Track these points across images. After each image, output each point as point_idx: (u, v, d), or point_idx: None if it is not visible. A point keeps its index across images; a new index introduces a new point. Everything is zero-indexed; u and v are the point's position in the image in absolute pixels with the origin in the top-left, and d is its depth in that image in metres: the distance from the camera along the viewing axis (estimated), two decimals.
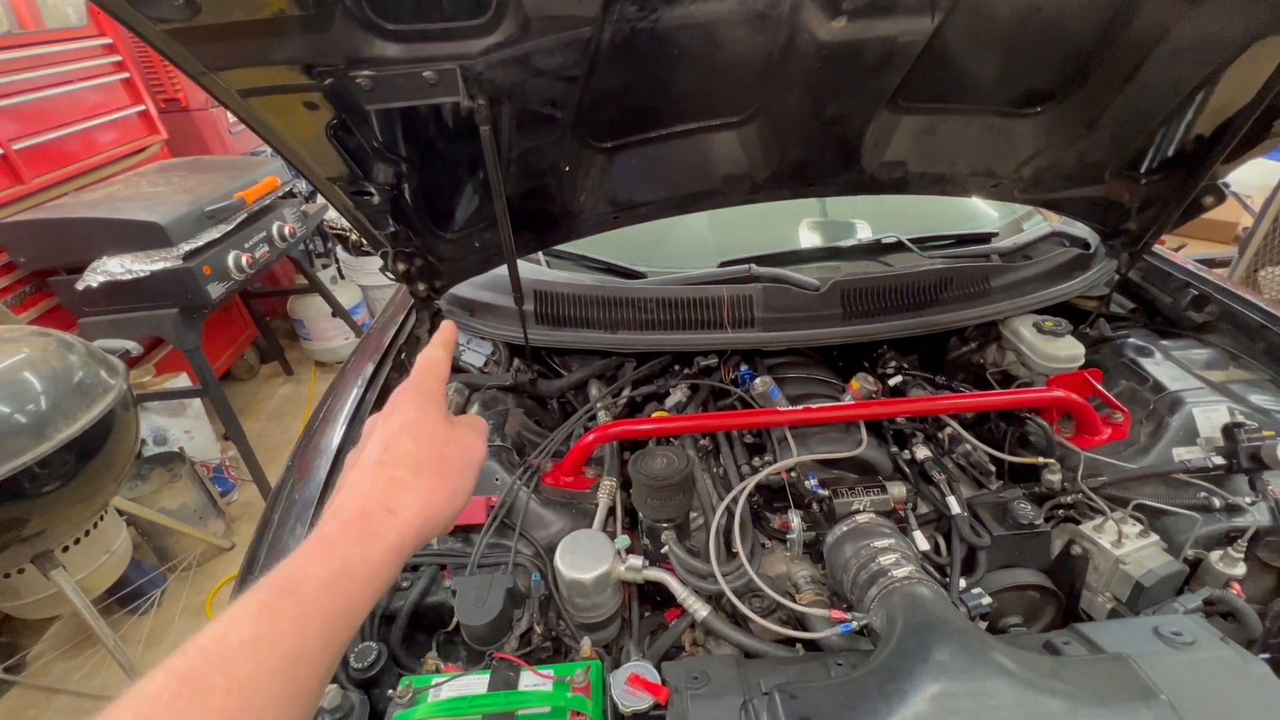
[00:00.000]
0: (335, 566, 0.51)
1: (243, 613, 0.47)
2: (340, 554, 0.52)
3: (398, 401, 0.64)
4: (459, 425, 0.66)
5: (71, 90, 3.27)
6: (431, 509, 0.58)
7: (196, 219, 2.88)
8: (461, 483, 0.62)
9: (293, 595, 0.49)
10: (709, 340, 1.61)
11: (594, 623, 1.16)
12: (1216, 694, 0.83)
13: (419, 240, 1.45)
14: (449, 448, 0.62)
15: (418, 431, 0.61)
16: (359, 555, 0.52)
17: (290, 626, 0.47)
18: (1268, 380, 1.48)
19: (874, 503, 1.27)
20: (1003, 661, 0.83)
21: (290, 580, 0.49)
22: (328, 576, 0.50)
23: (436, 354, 0.70)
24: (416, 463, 0.59)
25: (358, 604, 0.52)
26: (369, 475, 0.58)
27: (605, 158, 1.40)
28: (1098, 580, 1.20)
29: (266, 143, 1.14)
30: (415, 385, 0.66)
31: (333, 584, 0.50)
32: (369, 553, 0.53)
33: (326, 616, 0.49)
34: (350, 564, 0.51)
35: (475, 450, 0.66)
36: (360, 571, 0.52)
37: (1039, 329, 1.58)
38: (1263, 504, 1.23)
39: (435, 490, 0.59)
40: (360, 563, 0.52)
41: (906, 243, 1.84)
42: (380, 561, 0.53)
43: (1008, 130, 1.42)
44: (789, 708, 0.80)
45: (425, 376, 0.67)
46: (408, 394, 0.65)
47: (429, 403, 0.64)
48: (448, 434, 0.63)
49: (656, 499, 1.18)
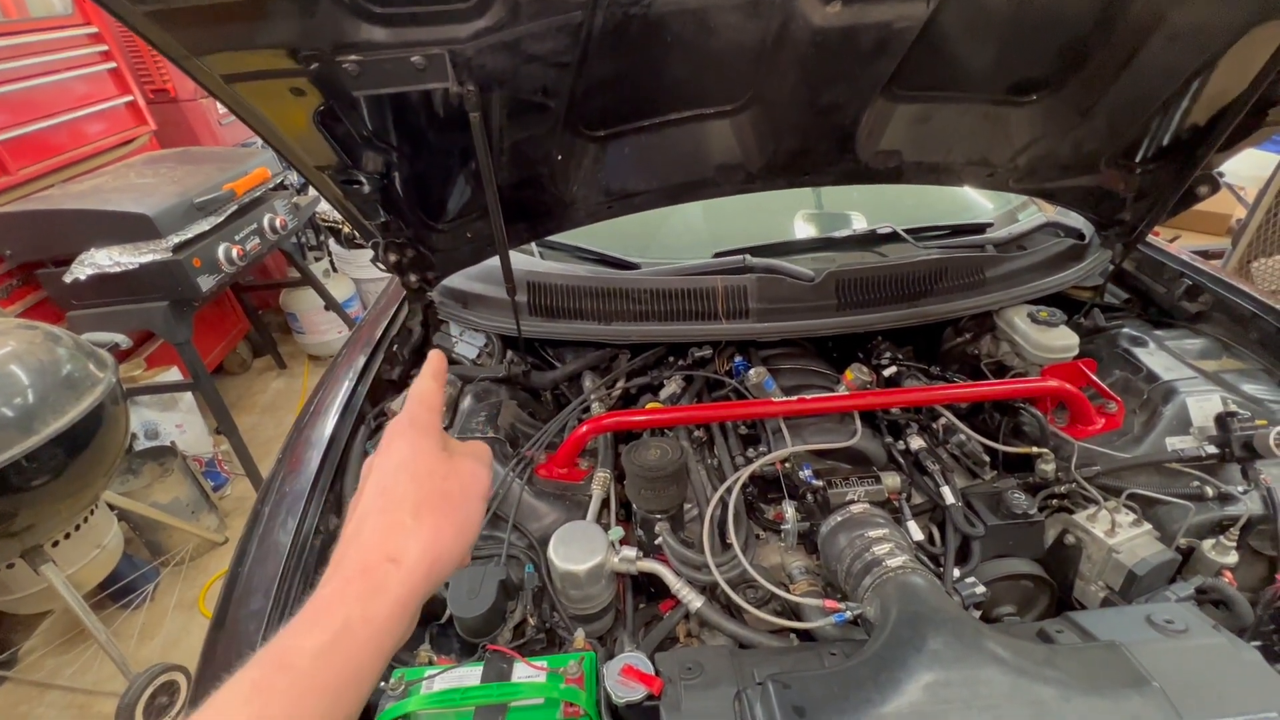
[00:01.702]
0: (333, 631, 0.47)
1: (234, 694, 0.44)
2: (339, 616, 0.48)
3: (391, 438, 0.61)
4: (459, 455, 0.63)
5: (58, 80, 3.22)
6: (437, 550, 0.54)
7: (186, 211, 2.85)
8: (467, 517, 0.59)
9: (287, 671, 0.45)
10: (703, 331, 1.60)
11: (588, 614, 1.15)
12: (1208, 681, 0.83)
13: (410, 231, 1.44)
14: (449, 482, 0.59)
15: (414, 469, 0.58)
16: (360, 614, 0.48)
17: (284, 707, 0.44)
18: (1260, 369, 1.48)
19: (868, 493, 1.27)
20: (996, 650, 0.82)
21: (284, 653, 0.46)
22: (325, 644, 0.46)
23: (427, 385, 0.67)
24: (415, 504, 0.56)
25: (365, 666, 0.48)
26: (367, 524, 0.55)
27: (598, 147, 1.39)
28: (1091, 569, 1.21)
29: (254, 130, 1.12)
30: (408, 419, 0.63)
31: (331, 651, 0.46)
32: (372, 610, 0.49)
33: (325, 690, 0.45)
34: (351, 625, 0.48)
35: (478, 480, 0.63)
36: (363, 632, 0.48)
37: (1033, 319, 1.58)
38: (1255, 493, 1.23)
39: (440, 530, 0.55)
40: (362, 622, 0.48)
41: (901, 233, 1.83)
42: (386, 618, 0.49)
43: (1003, 119, 1.41)
44: (782, 697, 0.80)
45: (418, 409, 0.64)
46: (401, 429, 0.62)
47: (423, 436, 0.61)
48: (446, 467, 0.60)
49: (650, 490, 1.18)
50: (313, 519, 1.24)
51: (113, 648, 2.31)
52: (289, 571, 1.13)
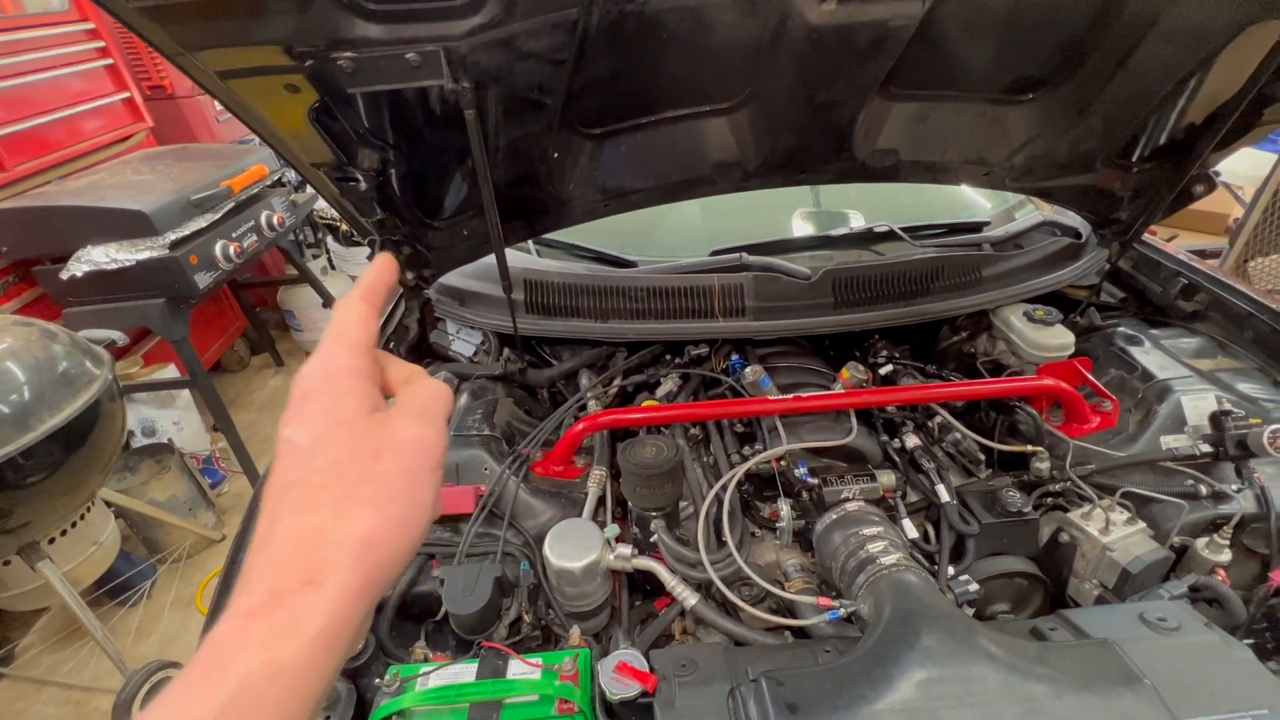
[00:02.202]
0: (229, 690, 0.34)
1: None
2: (237, 669, 0.34)
3: (301, 399, 0.43)
4: (398, 417, 0.45)
5: (54, 76, 3.20)
6: (374, 559, 0.40)
7: (183, 208, 2.84)
8: (413, 503, 0.43)
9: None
10: (700, 329, 1.60)
11: (583, 611, 1.15)
12: (1200, 678, 0.83)
13: (407, 228, 1.43)
14: (385, 459, 0.42)
15: (333, 447, 0.42)
16: (264, 664, 0.35)
17: None
18: (1255, 368, 1.48)
19: (863, 491, 1.27)
20: (989, 647, 0.83)
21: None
22: (218, 709, 0.34)
23: (353, 312, 0.48)
24: (339, 498, 0.40)
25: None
26: (279, 528, 0.39)
27: (595, 144, 1.39)
28: (1085, 567, 1.21)
29: (249, 127, 1.12)
30: (321, 370, 0.44)
31: (227, 717, 0.34)
32: (283, 656, 0.35)
33: None
34: (252, 682, 0.34)
35: (425, 449, 0.45)
36: (272, 689, 0.35)
37: (1029, 318, 1.58)
38: (1248, 491, 1.24)
39: (374, 529, 0.40)
40: (268, 676, 0.35)
41: (898, 231, 1.83)
42: (304, 662, 0.36)
43: (1000, 117, 1.41)
44: (775, 694, 0.80)
45: (336, 349, 0.46)
46: (311, 385, 0.44)
47: (343, 395, 0.44)
48: (378, 439, 0.43)
49: (646, 488, 1.18)
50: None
51: (109, 644, 2.31)
52: None
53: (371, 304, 0.50)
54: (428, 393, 0.48)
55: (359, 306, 0.49)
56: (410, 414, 0.46)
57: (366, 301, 0.49)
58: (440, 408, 0.48)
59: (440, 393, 0.49)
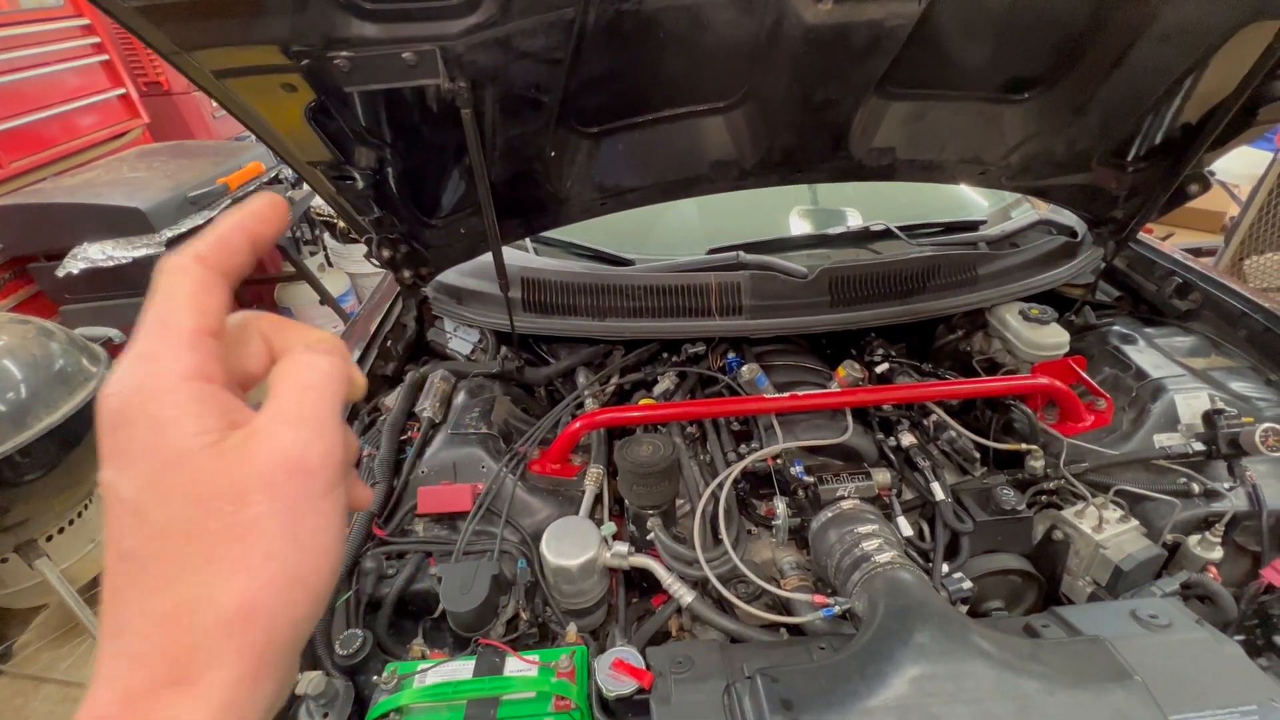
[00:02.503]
0: None
1: None
2: None
3: (111, 430, 0.30)
4: (258, 438, 0.31)
5: (49, 72, 3.20)
6: (261, 632, 0.30)
7: (179, 205, 2.84)
8: (303, 548, 0.31)
9: None
10: (697, 328, 1.60)
11: (580, 608, 1.16)
12: (1190, 674, 0.84)
13: (404, 226, 1.44)
14: (250, 504, 0.30)
15: (169, 497, 0.29)
16: None
17: None
18: (1248, 367, 1.49)
19: (859, 489, 1.28)
20: (981, 644, 0.84)
21: None
22: None
23: (181, 285, 0.32)
24: (193, 566, 0.29)
25: None
26: (124, 617, 0.30)
27: (592, 143, 1.39)
28: (1078, 564, 1.22)
29: (245, 125, 1.12)
30: (134, 383, 0.30)
31: None
32: None
33: None
34: None
35: (307, 473, 0.31)
36: None
37: (1025, 316, 1.59)
38: (1240, 489, 1.25)
39: (253, 598, 0.30)
40: None
41: (895, 230, 1.84)
42: None
43: (996, 117, 1.42)
44: (771, 691, 0.81)
45: (153, 348, 0.31)
46: (123, 408, 0.30)
47: (172, 420, 0.30)
48: (237, 473, 0.30)
49: (642, 486, 1.18)
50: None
51: None
52: None
53: (215, 268, 0.33)
54: (301, 380, 0.34)
55: (192, 274, 0.32)
56: (280, 422, 0.32)
57: (205, 265, 0.33)
58: (322, 399, 0.33)
59: (320, 374, 0.34)
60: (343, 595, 1.16)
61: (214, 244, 0.34)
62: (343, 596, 1.16)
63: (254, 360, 0.36)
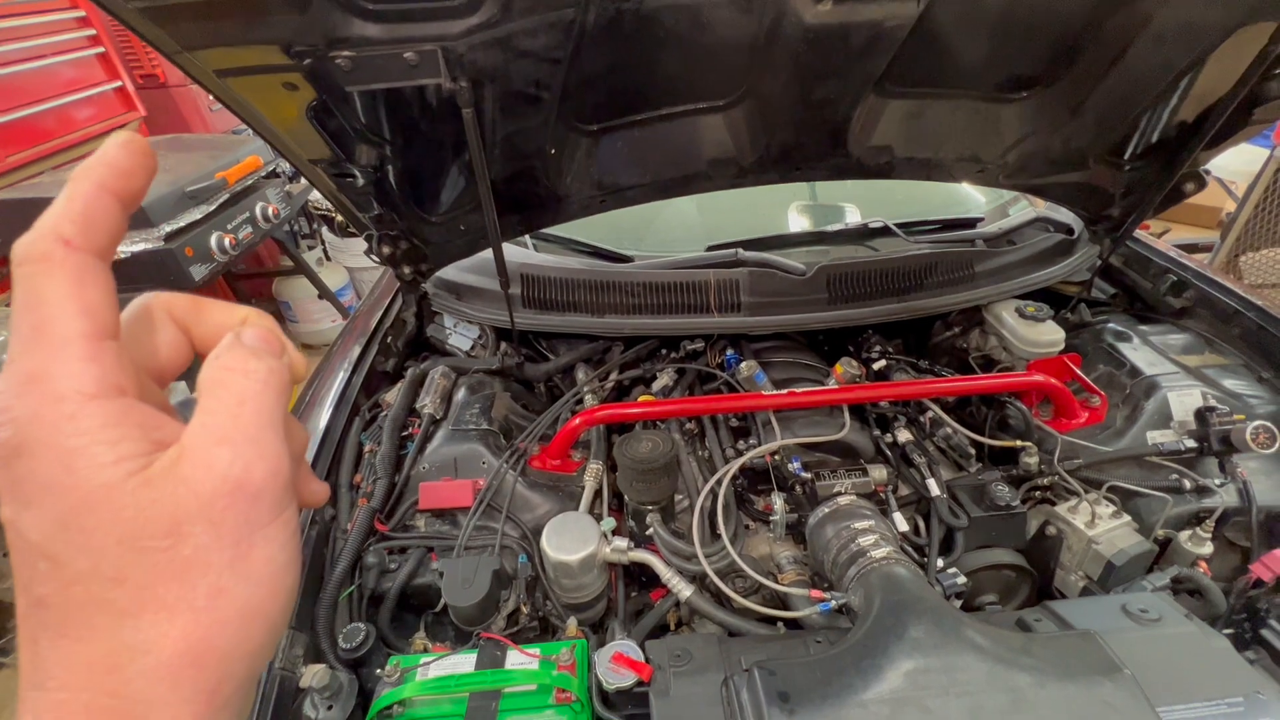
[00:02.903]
0: None
1: None
2: None
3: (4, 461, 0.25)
4: (190, 459, 0.27)
5: (44, 65, 3.17)
6: (212, 674, 0.27)
7: (177, 199, 2.83)
8: (254, 579, 0.28)
9: None
10: (695, 324, 1.61)
11: (580, 603, 1.18)
12: (1178, 668, 0.86)
13: (404, 223, 1.44)
14: (188, 536, 0.27)
15: (88, 540, 0.25)
16: None
17: None
18: (1240, 365, 1.51)
19: (855, 485, 1.29)
20: (974, 638, 0.85)
21: None
22: None
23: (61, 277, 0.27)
24: (126, 609, 0.26)
25: None
26: (45, 667, 0.26)
27: (591, 140, 1.39)
28: (1071, 559, 1.24)
29: (245, 123, 1.12)
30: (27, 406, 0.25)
31: None
32: None
33: None
34: None
35: (249, 495, 0.28)
36: None
37: (1021, 314, 1.60)
38: (1231, 485, 1.26)
39: (201, 639, 0.27)
40: None
41: (893, 227, 1.84)
42: None
43: (994, 115, 1.42)
44: (768, 684, 0.82)
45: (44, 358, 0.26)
46: (18, 436, 0.25)
47: (79, 450, 0.26)
48: (168, 504, 0.26)
49: (642, 482, 1.20)
50: (308, 509, 1.25)
51: None
52: None
53: (86, 249, 0.27)
54: (236, 391, 0.29)
55: (63, 265, 0.26)
56: (215, 441, 0.28)
57: (75, 250, 0.27)
58: (260, 412, 0.29)
59: (257, 383, 0.29)
60: (346, 590, 1.18)
61: (78, 219, 0.27)
62: (346, 591, 1.18)
63: (167, 351, 0.32)
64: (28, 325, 0.26)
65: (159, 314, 0.32)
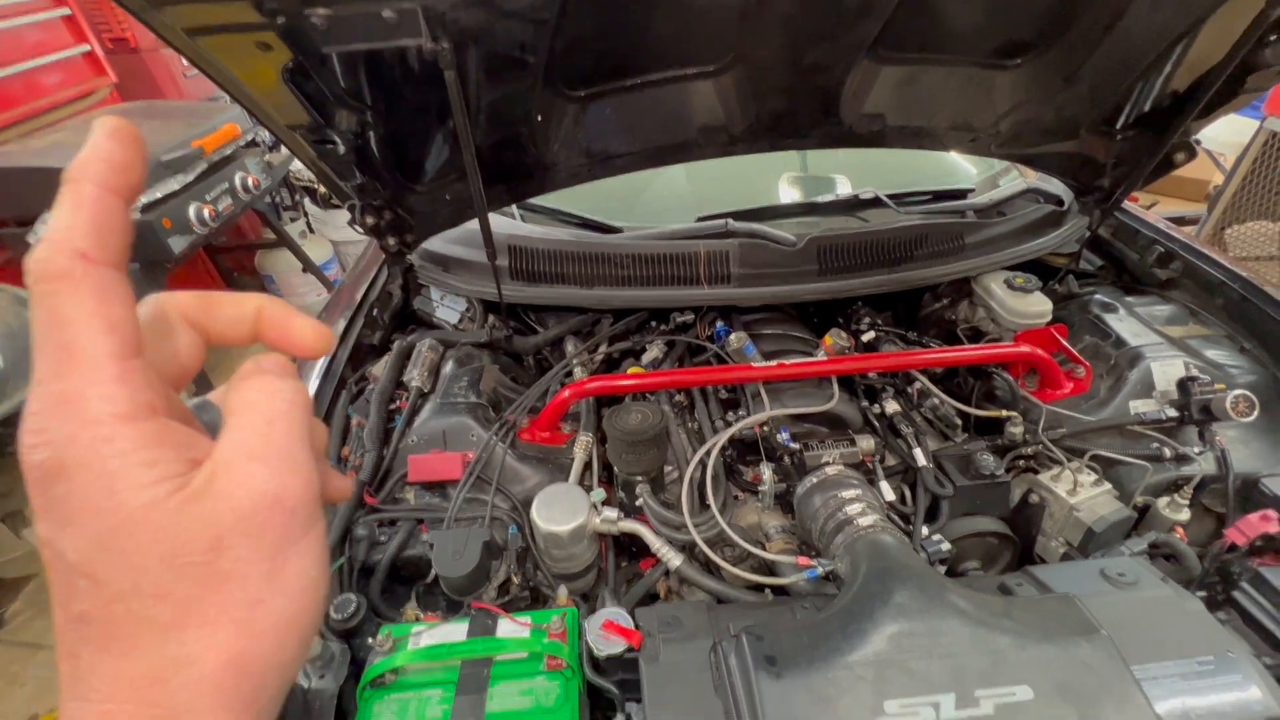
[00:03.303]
0: None
1: None
2: None
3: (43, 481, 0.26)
4: (226, 478, 0.28)
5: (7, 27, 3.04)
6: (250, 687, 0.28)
7: (153, 169, 2.75)
8: (289, 593, 0.29)
9: None
10: (685, 296, 1.60)
11: (570, 573, 1.19)
12: (1154, 628, 0.89)
13: (387, 192, 1.41)
14: (227, 551, 0.27)
15: (128, 559, 0.26)
16: None
17: None
18: (1223, 336, 1.53)
19: (843, 455, 1.30)
20: (957, 602, 0.87)
21: None
22: None
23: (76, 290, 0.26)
24: (169, 623, 0.27)
25: None
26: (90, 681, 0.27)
27: (579, 107, 1.36)
28: (1052, 526, 1.26)
29: (220, 87, 1.08)
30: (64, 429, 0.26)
31: None
32: None
33: None
34: None
35: (285, 511, 0.29)
36: None
37: (1010, 285, 1.61)
38: (1209, 453, 1.29)
39: (242, 652, 0.28)
40: None
41: (883, 198, 1.83)
42: None
43: (987, 82, 1.41)
44: (755, 648, 0.84)
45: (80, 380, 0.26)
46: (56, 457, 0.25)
47: (118, 472, 0.26)
48: (207, 522, 0.27)
49: (631, 453, 1.20)
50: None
51: None
52: None
53: (106, 262, 0.27)
54: (266, 410, 0.30)
55: (85, 281, 0.26)
56: (249, 458, 0.29)
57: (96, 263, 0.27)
58: (290, 430, 0.30)
59: (285, 403, 0.31)
60: (336, 561, 1.18)
61: (91, 230, 0.27)
62: (336, 563, 1.18)
63: (185, 353, 0.33)
64: (54, 345, 0.26)
65: (174, 317, 0.33)
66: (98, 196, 0.28)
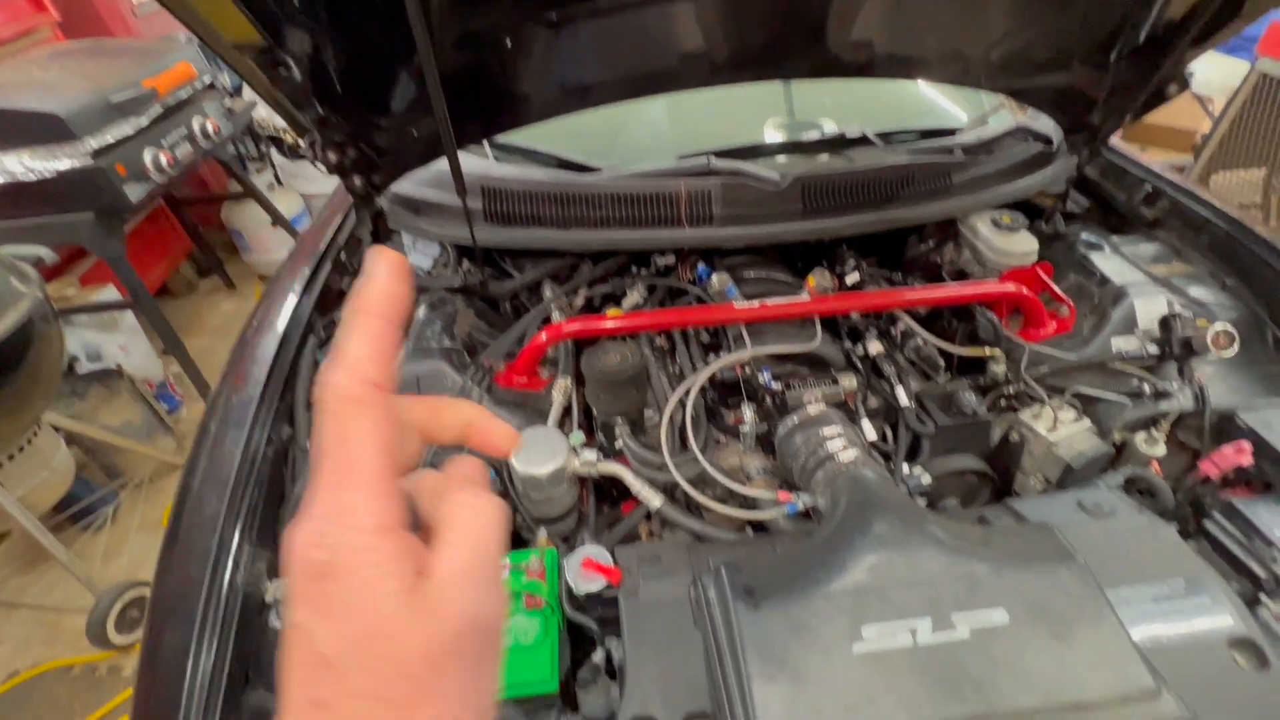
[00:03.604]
0: None
1: None
2: None
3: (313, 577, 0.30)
4: (443, 596, 0.31)
5: None
6: None
7: (102, 110, 2.59)
8: (481, 706, 0.33)
9: None
10: (666, 237, 1.55)
11: (550, 516, 1.17)
12: (1128, 555, 0.89)
13: (350, 126, 1.33)
14: (441, 669, 0.30)
15: (374, 663, 0.29)
16: None
17: None
18: (1207, 273, 1.52)
19: (825, 394, 1.29)
20: (936, 533, 0.86)
21: None
22: None
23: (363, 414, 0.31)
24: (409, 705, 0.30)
25: None
26: None
27: (551, 33, 1.27)
28: (1031, 464, 1.27)
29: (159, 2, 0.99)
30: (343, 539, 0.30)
31: None
32: None
33: None
34: None
35: (485, 633, 0.33)
36: None
37: (996, 224, 1.58)
38: (1187, 389, 1.29)
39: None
40: None
41: (871, 136, 1.78)
42: None
43: (979, 7, 1.34)
44: (734, 579, 0.83)
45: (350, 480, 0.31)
46: (331, 560, 0.29)
47: (379, 580, 0.30)
48: (430, 637, 0.30)
49: (610, 394, 1.17)
50: (263, 428, 1.21)
51: (76, 565, 2.30)
52: (242, 479, 1.11)
53: (387, 389, 0.32)
54: (476, 530, 0.33)
55: (372, 408, 0.31)
56: (463, 579, 0.32)
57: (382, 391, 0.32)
58: (494, 553, 0.34)
59: (490, 523, 0.34)
60: None
61: (380, 361, 0.32)
62: None
63: (410, 453, 0.38)
64: (338, 459, 0.31)
65: (410, 424, 0.38)
66: (384, 331, 0.33)
